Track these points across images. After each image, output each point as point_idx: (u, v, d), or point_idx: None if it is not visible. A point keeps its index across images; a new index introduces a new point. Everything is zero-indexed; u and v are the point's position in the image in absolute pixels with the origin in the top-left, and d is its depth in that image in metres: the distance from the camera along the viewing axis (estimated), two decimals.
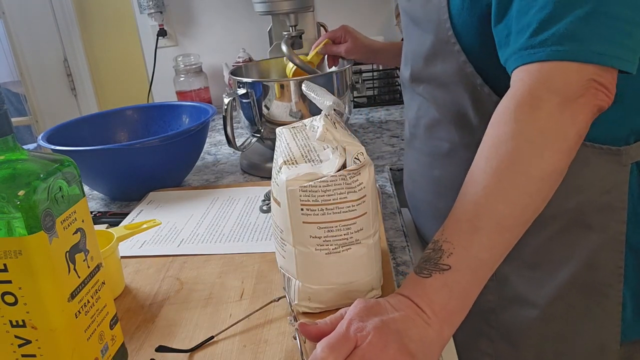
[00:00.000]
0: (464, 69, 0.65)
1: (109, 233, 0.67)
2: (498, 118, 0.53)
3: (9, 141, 0.44)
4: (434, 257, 0.51)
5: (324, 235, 0.54)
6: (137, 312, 0.63)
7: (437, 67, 0.69)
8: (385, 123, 1.39)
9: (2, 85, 2.10)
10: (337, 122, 0.58)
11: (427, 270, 0.51)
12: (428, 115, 0.75)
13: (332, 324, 0.50)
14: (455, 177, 0.71)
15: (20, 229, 0.42)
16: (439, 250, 0.51)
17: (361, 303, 0.50)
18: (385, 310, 0.49)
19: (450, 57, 0.66)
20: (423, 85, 0.74)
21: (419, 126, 0.78)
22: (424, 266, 0.51)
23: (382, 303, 0.50)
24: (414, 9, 0.72)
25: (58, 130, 1.06)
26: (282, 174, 0.54)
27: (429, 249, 0.52)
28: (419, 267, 0.52)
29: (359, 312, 0.49)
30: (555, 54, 0.50)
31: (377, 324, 0.47)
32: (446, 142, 0.73)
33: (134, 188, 0.99)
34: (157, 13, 1.68)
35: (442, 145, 0.74)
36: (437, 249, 0.51)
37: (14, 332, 0.45)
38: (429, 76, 0.72)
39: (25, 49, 1.79)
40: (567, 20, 0.50)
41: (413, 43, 0.75)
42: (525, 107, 0.51)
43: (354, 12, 1.68)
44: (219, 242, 0.79)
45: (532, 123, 0.50)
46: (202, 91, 1.69)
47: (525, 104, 0.51)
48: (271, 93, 1.02)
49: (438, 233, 0.53)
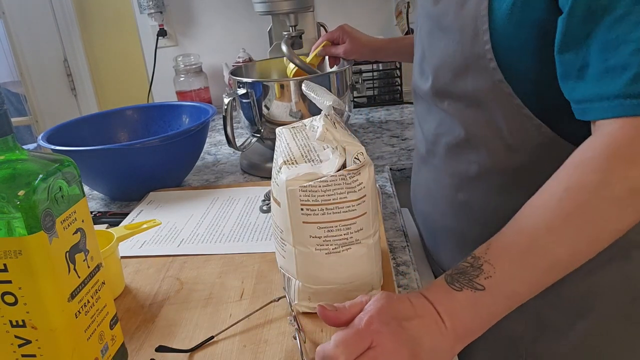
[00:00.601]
0: (500, 89, 0.59)
1: (109, 233, 0.67)
2: (585, 162, 0.48)
3: (9, 141, 0.44)
4: (470, 273, 0.49)
5: (324, 235, 0.54)
6: (137, 312, 0.63)
7: (467, 83, 0.63)
8: (385, 123, 1.39)
9: (2, 85, 2.10)
10: (337, 122, 0.58)
11: (460, 283, 0.49)
12: (452, 133, 0.68)
13: (350, 312, 0.49)
14: (485, 203, 0.68)
15: (20, 229, 0.42)
16: (477, 269, 0.49)
17: (385, 299, 0.49)
18: (407, 311, 0.48)
19: (484, 73, 0.60)
20: (448, 101, 0.68)
21: (439, 144, 0.72)
22: (457, 278, 0.50)
23: (405, 302, 0.49)
24: (444, 15, 0.64)
25: (58, 130, 1.06)
26: (282, 174, 0.54)
27: (467, 263, 0.50)
28: (451, 277, 0.50)
29: (381, 310, 0.48)
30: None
31: (395, 329, 0.46)
32: (475, 164, 0.67)
33: (134, 188, 0.99)
34: (157, 13, 1.68)
35: (469, 167, 0.68)
36: (476, 266, 0.50)
37: (14, 332, 0.45)
38: (457, 92, 0.65)
39: (25, 49, 1.79)
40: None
41: (437, 53, 0.67)
42: (621, 161, 0.47)
43: (354, 12, 1.68)
44: (219, 242, 0.79)
45: (624, 180, 0.46)
46: (202, 91, 1.69)
47: (622, 157, 0.46)
48: (271, 93, 1.02)
49: (481, 249, 0.51)
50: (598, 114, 0.49)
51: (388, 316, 0.47)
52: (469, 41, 0.60)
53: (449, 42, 0.64)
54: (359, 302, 0.50)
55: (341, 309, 0.49)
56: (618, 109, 0.47)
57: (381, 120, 1.43)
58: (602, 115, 0.49)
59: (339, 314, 0.49)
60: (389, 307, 0.48)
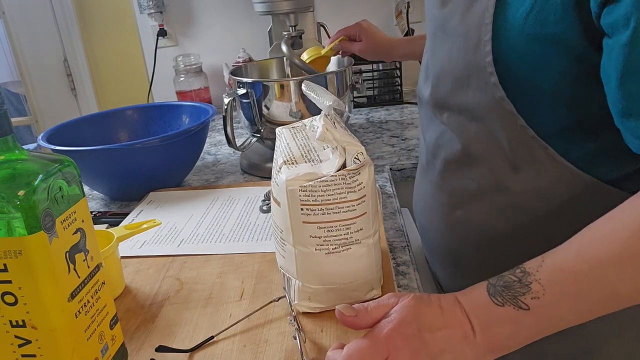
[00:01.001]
0: (502, 106, 0.55)
1: (109, 233, 0.67)
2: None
3: (9, 141, 0.44)
4: (516, 290, 0.46)
5: (324, 235, 0.54)
6: (137, 312, 0.63)
7: (468, 95, 0.58)
8: (385, 123, 1.39)
9: (2, 85, 2.10)
10: (337, 122, 0.58)
11: (503, 298, 0.46)
12: (451, 147, 0.65)
13: (372, 317, 0.46)
14: (483, 223, 0.64)
15: (20, 229, 0.42)
16: (526, 286, 0.46)
17: (412, 307, 0.46)
18: (434, 321, 0.46)
19: (485, 87, 0.55)
20: (448, 113, 0.64)
21: (438, 157, 0.68)
22: (501, 292, 0.46)
23: (434, 310, 0.46)
24: (449, 17, 0.60)
25: (58, 130, 1.06)
26: (282, 174, 0.54)
27: (515, 277, 0.47)
28: (494, 289, 0.47)
29: (405, 322, 0.45)
30: None
31: (415, 345, 0.44)
32: (474, 181, 0.63)
33: (134, 188, 0.99)
34: (157, 13, 1.68)
35: (468, 184, 0.64)
36: (524, 282, 0.46)
37: (14, 332, 0.45)
38: (457, 104, 0.61)
39: (25, 49, 1.79)
40: None
41: (439, 58, 0.63)
42: None
43: (354, 12, 1.68)
44: (219, 242, 0.79)
45: None
46: (202, 91, 1.69)
47: None
48: (271, 93, 1.02)
49: (532, 265, 0.47)
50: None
51: (412, 327, 0.45)
52: (471, 49, 0.56)
53: (452, 47, 0.60)
54: (385, 305, 0.47)
55: (362, 314, 0.47)
56: None
57: (381, 120, 1.43)
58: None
59: (359, 320, 0.47)
60: (415, 316, 0.46)
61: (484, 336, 0.46)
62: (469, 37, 0.56)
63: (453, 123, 0.64)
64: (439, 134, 0.68)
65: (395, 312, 0.46)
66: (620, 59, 0.45)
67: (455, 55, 0.59)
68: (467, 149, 0.63)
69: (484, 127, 0.59)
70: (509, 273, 0.48)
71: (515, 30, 0.51)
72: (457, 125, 0.63)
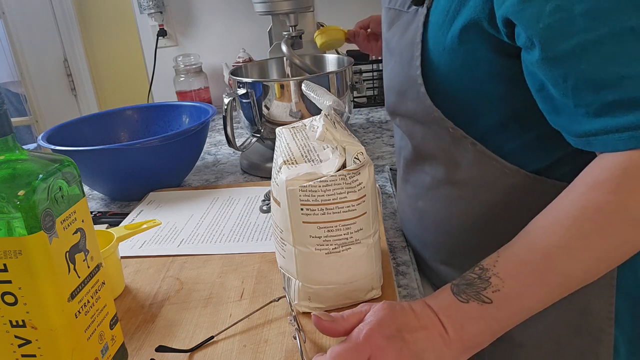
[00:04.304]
0: (431, 112, 0.63)
1: (109, 233, 0.67)
2: (599, 183, 0.48)
3: (9, 141, 0.44)
4: (478, 285, 0.49)
5: (324, 235, 0.54)
6: (137, 312, 0.63)
7: (407, 104, 0.66)
8: (385, 123, 1.39)
9: (2, 85, 2.10)
10: (337, 122, 0.58)
11: (466, 295, 0.49)
12: (407, 148, 0.73)
13: (348, 322, 0.48)
14: (438, 212, 0.71)
15: (20, 229, 0.42)
16: (485, 281, 0.49)
17: (387, 309, 0.48)
18: (410, 322, 0.48)
19: (417, 97, 0.63)
20: (399, 118, 0.72)
21: (401, 156, 0.77)
22: (464, 290, 0.50)
23: (407, 312, 0.49)
24: (391, 38, 0.69)
25: (58, 130, 1.06)
26: (282, 174, 0.54)
27: (474, 274, 0.50)
28: (457, 288, 0.50)
29: (383, 322, 0.47)
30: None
31: (397, 344, 0.46)
32: (429, 175, 0.70)
33: (134, 188, 0.99)
34: (157, 13, 1.68)
35: (424, 177, 0.71)
36: (484, 278, 0.49)
37: (14, 332, 0.45)
38: (402, 112, 0.69)
39: (25, 49, 1.79)
40: None
41: (387, 72, 0.72)
42: (636, 182, 0.46)
43: (354, 12, 1.67)
44: (219, 242, 0.79)
45: None
46: (202, 91, 1.69)
47: (636, 178, 0.46)
48: (271, 93, 1.02)
49: (489, 261, 0.51)
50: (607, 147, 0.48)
51: (390, 329, 0.47)
52: (406, 65, 0.64)
53: (394, 64, 0.68)
54: (359, 312, 0.50)
55: (338, 319, 0.49)
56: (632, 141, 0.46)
57: (381, 120, 1.43)
58: (613, 148, 0.48)
59: (336, 325, 0.49)
60: (392, 318, 0.48)
61: (457, 334, 0.48)
62: (404, 55, 0.64)
63: (404, 127, 0.72)
64: (400, 137, 0.76)
65: (371, 315, 0.48)
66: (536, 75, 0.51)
67: (396, 71, 0.67)
68: (417, 148, 0.70)
69: (427, 130, 0.66)
70: (469, 272, 0.51)
71: (439, 46, 0.59)
72: (407, 128, 0.71)
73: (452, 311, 0.49)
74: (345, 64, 1.13)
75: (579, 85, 0.48)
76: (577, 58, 0.47)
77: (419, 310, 0.49)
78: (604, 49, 0.46)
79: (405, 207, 0.78)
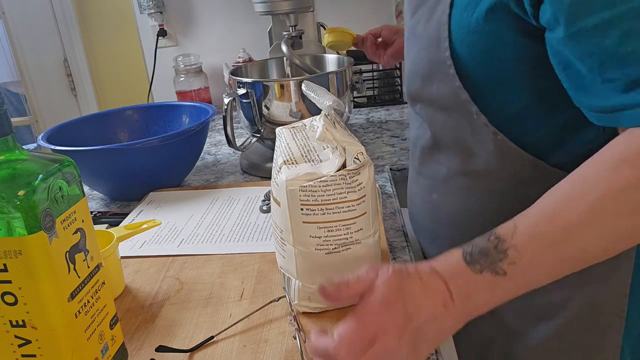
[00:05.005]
0: (459, 95, 0.62)
1: (109, 233, 0.67)
2: (628, 157, 0.47)
3: (9, 141, 0.44)
4: (494, 256, 0.48)
5: (324, 235, 0.54)
6: (137, 312, 0.63)
7: (433, 89, 0.66)
8: (385, 123, 1.39)
9: (2, 85, 2.10)
10: (337, 122, 0.59)
11: (480, 265, 0.48)
12: (425, 136, 0.72)
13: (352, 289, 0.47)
14: (452, 205, 0.70)
15: (20, 229, 0.42)
16: (502, 252, 0.47)
17: (396, 283, 0.47)
18: (416, 294, 0.47)
19: (446, 79, 0.63)
20: (420, 105, 0.71)
21: (417, 146, 0.76)
22: (478, 260, 0.48)
23: (415, 282, 0.48)
24: (417, 24, 0.68)
25: (58, 130, 1.06)
26: (282, 174, 0.54)
27: (491, 243, 0.48)
28: (471, 257, 0.48)
29: (390, 298, 0.46)
30: None
31: (402, 324, 0.46)
32: (444, 166, 0.69)
33: (134, 188, 0.99)
34: (157, 13, 1.68)
35: (440, 169, 0.70)
36: (500, 249, 0.48)
37: (14, 332, 0.45)
38: (426, 97, 0.68)
39: (25, 49, 1.79)
40: None
41: (411, 60, 0.71)
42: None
43: (354, 12, 1.68)
44: (219, 242, 0.79)
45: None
46: (202, 91, 1.69)
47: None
48: (271, 93, 1.02)
49: (506, 231, 0.49)
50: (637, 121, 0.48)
51: (397, 305, 0.46)
52: (433, 48, 0.63)
53: (419, 48, 0.67)
54: (364, 279, 0.48)
55: (342, 287, 0.48)
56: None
57: (381, 120, 1.43)
58: None
59: (340, 293, 0.48)
60: (399, 293, 0.47)
61: (463, 304, 0.47)
62: (431, 38, 0.64)
63: (424, 114, 0.71)
64: (417, 126, 0.75)
65: (378, 290, 0.47)
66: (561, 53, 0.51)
67: (422, 55, 0.67)
68: (435, 137, 0.70)
69: (449, 117, 0.66)
70: (482, 240, 0.49)
71: (464, 28, 0.59)
72: (428, 115, 0.70)
73: (463, 281, 0.48)
74: (345, 64, 1.13)
75: (605, 61, 0.48)
76: (601, 34, 0.47)
77: (426, 278, 0.48)
78: (626, 25, 0.46)
79: (417, 200, 0.78)
